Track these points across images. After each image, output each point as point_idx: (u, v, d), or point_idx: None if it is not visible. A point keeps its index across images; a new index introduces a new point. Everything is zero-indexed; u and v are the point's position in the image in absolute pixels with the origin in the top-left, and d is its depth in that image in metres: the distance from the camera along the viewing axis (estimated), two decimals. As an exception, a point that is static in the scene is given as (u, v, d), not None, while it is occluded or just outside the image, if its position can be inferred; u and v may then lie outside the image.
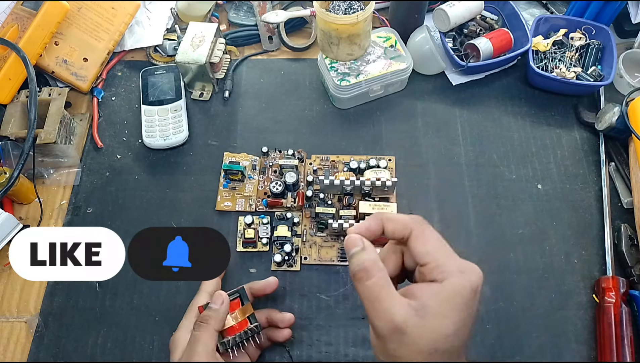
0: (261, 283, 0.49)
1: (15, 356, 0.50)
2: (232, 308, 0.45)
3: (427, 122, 0.64)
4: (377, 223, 0.33)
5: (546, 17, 0.67)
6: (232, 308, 0.45)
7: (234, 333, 0.44)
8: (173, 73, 0.66)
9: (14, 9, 0.64)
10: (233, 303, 0.45)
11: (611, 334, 0.47)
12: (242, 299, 0.46)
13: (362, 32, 0.59)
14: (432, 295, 0.29)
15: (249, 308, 0.46)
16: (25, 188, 0.58)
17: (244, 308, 0.46)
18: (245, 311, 0.45)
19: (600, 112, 0.60)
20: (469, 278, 0.29)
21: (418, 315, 0.29)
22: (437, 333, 0.28)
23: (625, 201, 0.57)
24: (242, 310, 0.45)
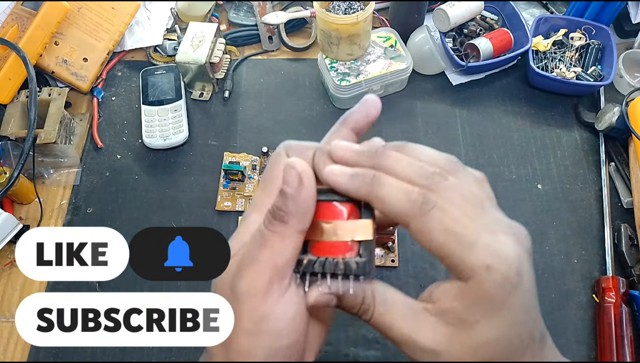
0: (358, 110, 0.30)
1: (15, 356, 0.50)
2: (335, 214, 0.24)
3: (427, 122, 0.64)
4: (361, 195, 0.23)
5: (546, 17, 0.67)
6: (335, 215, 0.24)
7: (323, 253, 0.24)
8: (173, 73, 0.66)
9: (14, 9, 0.64)
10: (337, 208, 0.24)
11: (611, 334, 0.47)
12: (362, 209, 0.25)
13: (362, 32, 0.59)
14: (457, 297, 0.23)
15: (367, 229, 0.24)
16: (25, 188, 0.58)
17: (359, 225, 0.24)
18: (358, 230, 0.24)
19: (600, 112, 0.60)
20: (499, 271, 0.21)
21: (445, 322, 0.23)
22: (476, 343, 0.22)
23: (625, 201, 0.57)
24: (354, 226, 0.24)
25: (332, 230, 0.24)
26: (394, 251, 0.54)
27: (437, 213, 0.22)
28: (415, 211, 0.22)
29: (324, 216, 0.24)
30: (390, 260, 0.54)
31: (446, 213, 0.22)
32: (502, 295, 0.22)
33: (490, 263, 0.22)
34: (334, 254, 0.24)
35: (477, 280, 0.22)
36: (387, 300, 0.24)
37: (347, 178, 0.24)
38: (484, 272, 0.22)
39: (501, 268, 0.22)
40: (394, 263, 0.54)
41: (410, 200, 0.23)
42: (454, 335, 0.22)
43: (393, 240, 0.54)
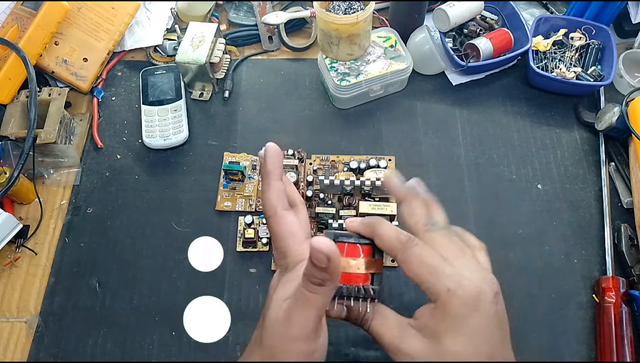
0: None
1: (15, 356, 0.50)
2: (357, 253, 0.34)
3: (427, 122, 0.64)
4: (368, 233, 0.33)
5: (546, 17, 0.67)
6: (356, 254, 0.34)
7: (349, 282, 0.33)
8: (173, 73, 0.66)
9: (14, 9, 0.64)
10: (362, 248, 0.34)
11: (611, 334, 0.47)
12: (375, 251, 0.34)
13: (362, 32, 0.59)
14: (429, 316, 0.30)
15: (379, 266, 0.34)
16: (25, 188, 0.58)
17: (373, 261, 0.34)
18: (372, 266, 0.34)
19: (600, 112, 0.60)
20: (457, 294, 0.28)
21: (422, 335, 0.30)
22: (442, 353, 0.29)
23: (625, 201, 0.57)
24: (369, 262, 0.34)
25: (357, 265, 0.33)
26: (394, 251, 0.54)
27: (417, 249, 0.31)
28: (400, 247, 0.31)
29: (349, 254, 0.33)
30: (390, 260, 0.54)
31: (423, 251, 0.31)
32: (461, 314, 0.28)
33: (450, 288, 0.29)
34: (355, 282, 0.33)
35: (442, 301, 0.29)
36: (383, 315, 0.32)
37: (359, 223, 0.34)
38: (446, 294, 0.29)
39: (459, 292, 0.29)
40: (393, 263, 0.54)
41: (398, 239, 0.32)
42: (428, 345, 0.29)
43: (393, 240, 0.54)
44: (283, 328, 0.29)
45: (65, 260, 0.55)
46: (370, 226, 0.33)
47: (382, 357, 0.49)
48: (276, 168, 0.34)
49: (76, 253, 0.56)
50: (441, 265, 0.30)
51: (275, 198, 0.34)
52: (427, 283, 0.30)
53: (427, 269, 0.30)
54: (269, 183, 0.34)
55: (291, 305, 0.29)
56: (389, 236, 0.32)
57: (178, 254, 0.55)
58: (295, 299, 0.29)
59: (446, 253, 0.31)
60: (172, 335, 0.51)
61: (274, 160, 0.34)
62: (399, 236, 0.32)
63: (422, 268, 0.30)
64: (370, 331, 0.32)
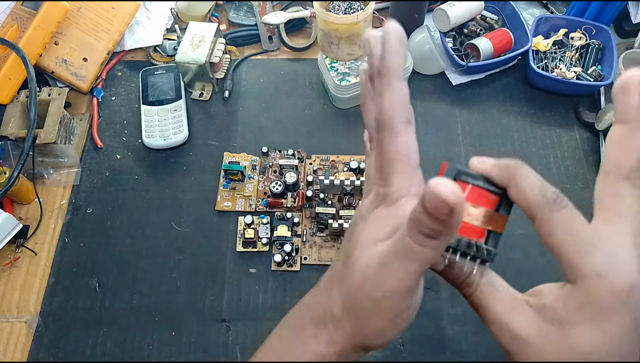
0: None
1: (15, 356, 0.50)
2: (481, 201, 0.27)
3: (427, 122, 0.64)
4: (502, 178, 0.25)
5: (546, 17, 0.67)
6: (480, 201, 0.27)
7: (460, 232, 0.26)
8: (173, 73, 0.66)
9: (14, 9, 0.64)
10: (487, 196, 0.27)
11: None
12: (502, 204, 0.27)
13: (362, 32, 0.59)
14: (560, 299, 0.23)
15: (501, 224, 0.28)
16: (25, 188, 0.58)
17: (496, 217, 0.27)
18: (493, 222, 0.27)
19: (601, 112, 0.60)
20: (609, 281, 0.22)
21: (542, 318, 0.23)
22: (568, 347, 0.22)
23: None
24: (491, 216, 0.27)
25: (476, 215, 0.26)
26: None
27: (566, 214, 0.24)
28: (546, 206, 0.24)
29: (471, 200, 0.26)
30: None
31: (574, 217, 0.24)
32: (607, 307, 0.22)
33: (602, 271, 0.22)
34: (468, 234, 0.26)
35: (585, 285, 0.22)
36: (492, 283, 0.26)
37: (491, 165, 0.25)
38: (594, 278, 0.22)
39: (611, 278, 0.22)
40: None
41: (544, 196, 0.24)
42: (549, 332, 0.23)
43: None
44: (377, 277, 0.23)
45: (65, 260, 0.55)
46: (508, 171, 0.25)
47: (383, 357, 0.49)
48: (401, 62, 0.24)
49: (76, 253, 0.56)
50: (597, 238, 0.23)
51: (398, 105, 0.25)
52: (570, 258, 0.23)
53: (575, 241, 0.23)
54: (390, 83, 0.25)
55: (390, 254, 0.23)
56: (533, 188, 0.25)
57: (178, 254, 0.55)
58: (396, 248, 0.23)
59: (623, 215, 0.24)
60: (171, 335, 0.51)
61: (398, 50, 0.24)
62: (544, 191, 0.24)
63: (568, 238, 0.23)
64: (472, 298, 0.26)
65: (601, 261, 0.22)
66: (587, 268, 0.22)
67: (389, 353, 0.49)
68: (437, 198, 0.19)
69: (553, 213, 0.24)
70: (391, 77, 0.25)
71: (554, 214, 0.24)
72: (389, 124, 0.25)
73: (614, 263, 0.22)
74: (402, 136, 0.25)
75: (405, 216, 0.22)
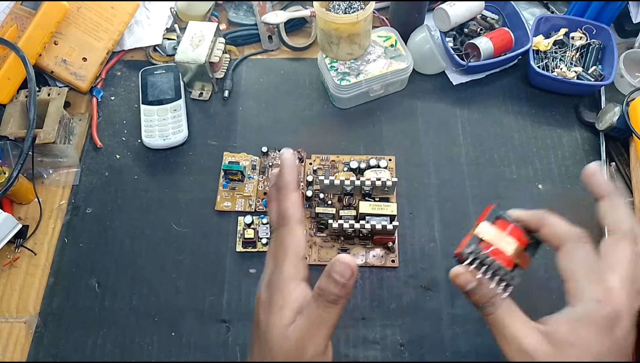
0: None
1: (14, 356, 0.50)
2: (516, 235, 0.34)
3: (427, 122, 0.64)
4: (535, 221, 0.34)
5: (547, 17, 0.67)
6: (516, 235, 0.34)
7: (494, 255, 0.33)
8: (172, 73, 0.66)
9: (13, 9, 0.64)
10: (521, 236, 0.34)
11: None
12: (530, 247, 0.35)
13: (362, 31, 0.59)
14: (562, 321, 0.30)
15: (526, 261, 0.35)
16: (24, 188, 0.58)
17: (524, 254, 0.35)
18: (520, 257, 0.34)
19: (601, 112, 0.60)
20: (603, 306, 0.29)
21: (547, 341, 0.29)
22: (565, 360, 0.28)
23: (626, 202, 0.56)
24: (520, 251, 0.34)
25: (510, 247, 0.33)
26: (394, 251, 0.54)
27: (585, 247, 0.31)
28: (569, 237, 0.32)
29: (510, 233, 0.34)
30: (391, 260, 0.54)
31: (591, 252, 0.31)
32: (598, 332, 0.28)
33: (602, 298, 0.29)
34: (499, 259, 0.32)
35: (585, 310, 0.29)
36: (512, 307, 0.32)
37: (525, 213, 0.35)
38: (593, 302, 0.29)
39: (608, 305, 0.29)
40: (394, 263, 0.54)
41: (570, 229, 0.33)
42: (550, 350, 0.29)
43: (393, 240, 0.54)
44: (295, 353, 0.30)
45: (65, 260, 0.55)
46: (541, 216, 0.34)
47: (383, 357, 0.49)
48: (294, 178, 0.34)
49: (75, 253, 0.56)
50: (604, 273, 0.30)
51: (292, 209, 0.33)
52: (577, 283, 0.30)
53: (587, 271, 0.30)
54: (287, 193, 0.33)
55: (304, 328, 0.30)
56: (562, 225, 0.33)
57: (177, 254, 0.55)
58: (310, 321, 0.30)
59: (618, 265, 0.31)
60: (171, 336, 0.51)
61: (292, 170, 0.34)
62: (571, 227, 0.33)
63: (583, 268, 0.31)
64: (493, 317, 0.32)
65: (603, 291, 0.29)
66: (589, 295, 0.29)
67: (389, 353, 0.49)
68: (344, 264, 0.29)
69: (575, 243, 0.32)
70: (288, 189, 0.33)
71: (576, 245, 0.32)
72: (287, 222, 0.33)
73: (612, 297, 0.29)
74: (296, 231, 0.33)
75: (300, 299, 0.31)
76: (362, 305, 0.52)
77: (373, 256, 0.54)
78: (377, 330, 0.50)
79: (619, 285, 0.30)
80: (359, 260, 0.54)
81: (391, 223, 0.51)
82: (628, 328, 0.29)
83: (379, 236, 0.53)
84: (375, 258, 0.54)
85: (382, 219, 0.52)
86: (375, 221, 0.52)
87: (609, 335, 0.28)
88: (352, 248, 0.55)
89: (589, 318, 0.29)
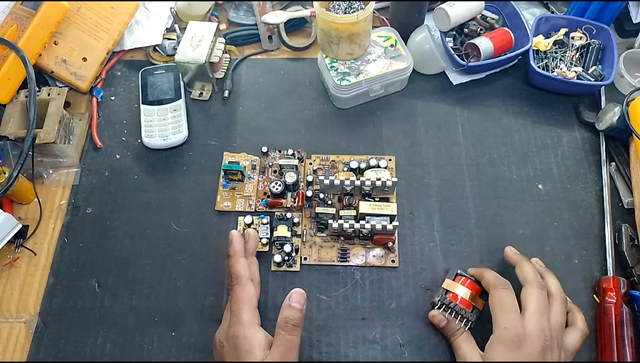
0: None
1: (14, 356, 0.50)
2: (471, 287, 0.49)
3: (427, 122, 0.64)
4: (478, 275, 0.49)
5: (547, 17, 0.67)
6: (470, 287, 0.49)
7: (462, 304, 0.48)
8: (172, 73, 0.66)
9: (13, 9, 0.64)
10: (475, 286, 0.49)
11: (612, 334, 0.47)
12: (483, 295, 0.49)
13: (362, 31, 0.59)
14: (488, 344, 0.44)
15: (480, 304, 0.49)
16: (24, 188, 0.58)
17: (478, 299, 0.49)
18: (475, 301, 0.49)
19: (601, 112, 0.60)
20: (508, 331, 0.42)
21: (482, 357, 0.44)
22: None
23: (626, 201, 0.56)
24: (475, 297, 0.49)
25: (468, 295, 0.49)
26: (394, 251, 0.54)
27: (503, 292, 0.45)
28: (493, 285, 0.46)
29: (467, 286, 0.49)
30: (391, 260, 0.54)
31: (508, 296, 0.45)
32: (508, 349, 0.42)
33: (508, 326, 0.42)
34: (462, 304, 0.48)
35: (497, 333, 0.43)
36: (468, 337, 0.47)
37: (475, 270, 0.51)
38: (502, 329, 0.43)
39: (511, 332, 0.42)
40: (394, 263, 0.54)
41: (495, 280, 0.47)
42: None
43: (393, 240, 0.54)
44: None
45: (65, 260, 0.55)
46: (480, 271, 0.49)
47: (383, 357, 0.49)
48: (241, 249, 0.48)
49: (75, 253, 0.56)
50: (513, 309, 0.43)
51: (242, 270, 0.46)
52: (496, 316, 0.44)
53: (502, 308, 0.44)
54: (238, 259, 0.47)
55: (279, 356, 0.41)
56: (490, 277, 0.47)
57: (177, 254, 0.55)
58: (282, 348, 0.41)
59: (528, 304, 0.44)
60: (171, 336, 0.51)
61: (238, 244, 0.48)
62: (496, 279, 0.46)
63: (499, 306, 0.44)
64: (455, 343, 0.47)
65: (510, 321, 0.43)
66: (500, 323, 0.43)
67: (389, 353, 0.49)
68: (298, 293, 0.44)
69: (497, 290, 0.45)
70: (237, 256, 0.47)
71: (498, 291, 0.45)
72: (239, 281, 0.45)
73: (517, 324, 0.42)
74: (247, 287, 0.45)
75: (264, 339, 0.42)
76: (362, 305, 0.52)
77: (373, 256, 0.54)
78: (377, 330, 0.50)
79: (528, 316, 0.42)
80: (359, 260, 0.54)
81: (391, 223, 0.51)
82: (538, 349, 0.41)
83: (379, 236, 0.53)
84: (375, 258, 0.54)
85: (382, 219, 0.52)
86: (375, 221, 0.52)
87: (517, 352, 0.41)
88: (352, 248, 0.55)
89: (499, 340, 0.42)
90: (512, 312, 0.43)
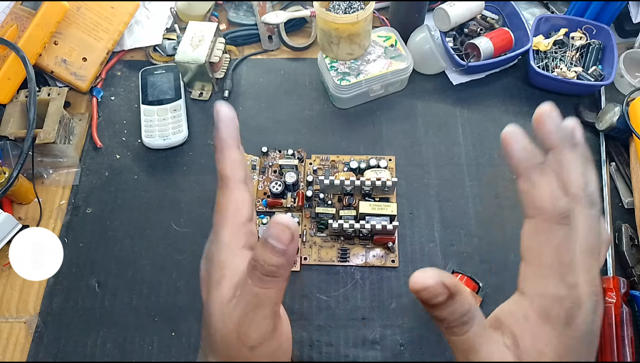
0: None
1: (14, 356, 0.50)
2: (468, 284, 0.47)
3: (427, 122, 0.64)
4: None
5: (547, 17, 0.67)
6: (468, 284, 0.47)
7: None
8: (172, 73, 0.66)
9: (13, 9, 0.64)
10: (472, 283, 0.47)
11: (612, 334, 0.47)
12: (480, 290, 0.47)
13: (362, 31, 0.59)
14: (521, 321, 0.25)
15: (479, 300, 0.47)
16: (24, 188, 0.58)
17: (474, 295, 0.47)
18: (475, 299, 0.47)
19: (601, 112, 0.60)
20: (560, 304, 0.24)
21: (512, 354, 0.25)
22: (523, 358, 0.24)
23: (626, 202, 0.56)
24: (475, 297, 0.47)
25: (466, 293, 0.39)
26: (394, 251, 0.54)
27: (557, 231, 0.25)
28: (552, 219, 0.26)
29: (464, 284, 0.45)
30: (391, 260, 0.54)
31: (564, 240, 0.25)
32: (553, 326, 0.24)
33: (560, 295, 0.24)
34: None
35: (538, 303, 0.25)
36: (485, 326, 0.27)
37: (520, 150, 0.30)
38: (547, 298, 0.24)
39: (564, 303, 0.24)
40: (394, 263, 0.54)
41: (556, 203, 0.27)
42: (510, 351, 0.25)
43: (393, 240, 0.54)
44: (237, 339, 0.25)
45: (65, 260, 0.55)
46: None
47: (383, 357, 0.49)
48: (232, 134, 0.29)
49: (75, 253, 0.56)
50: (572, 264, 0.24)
51: (230, 168, 0.28)
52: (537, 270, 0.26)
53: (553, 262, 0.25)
54: (222, 151, 0.29)
55: (241, 312, 0.25)
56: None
57: (177, 254, 0.55)
58: (246, 303, 0.25)
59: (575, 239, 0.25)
60: (171, 336, 0.51)
61: (228, 126, 0.29)
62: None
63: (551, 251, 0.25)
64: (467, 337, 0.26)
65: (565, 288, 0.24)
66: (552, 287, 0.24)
67: (389, 353, 0.49)
68: (280, 224, 0.24)
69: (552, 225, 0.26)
70: (223, 147, 0.28)
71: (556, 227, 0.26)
72: (225, 183, 0.28)
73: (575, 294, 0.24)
74: (235, 194, 0.28)
75: (240, 269, 0.26)
76: (362, 305, 0.52)
77: (373, 256, 0.54)
78: (377, 330, 0.50)
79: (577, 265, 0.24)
80: (359, 260, 0.54)
81: (391, 223, 0.51)
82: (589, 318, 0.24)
83: (379, 236, 0.53)
84: (375, 258, 0.54)
85: (382, 219, 0.52)
86: (375, 221, 0.52)
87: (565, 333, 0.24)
88: (352, 248, 0.55)
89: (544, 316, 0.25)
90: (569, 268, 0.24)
